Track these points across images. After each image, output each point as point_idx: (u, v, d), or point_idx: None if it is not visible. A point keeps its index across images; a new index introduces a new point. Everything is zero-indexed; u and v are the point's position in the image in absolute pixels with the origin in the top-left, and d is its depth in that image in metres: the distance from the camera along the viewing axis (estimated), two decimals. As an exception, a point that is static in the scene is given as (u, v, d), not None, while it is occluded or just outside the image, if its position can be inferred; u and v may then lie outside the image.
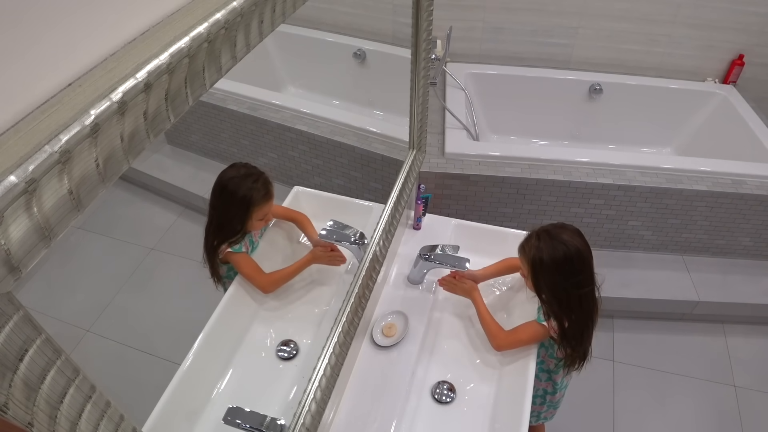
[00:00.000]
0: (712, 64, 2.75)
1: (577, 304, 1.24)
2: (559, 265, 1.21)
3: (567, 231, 1.25)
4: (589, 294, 1.24)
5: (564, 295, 1.24)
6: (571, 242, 1.22)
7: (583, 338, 1.28)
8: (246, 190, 1.10)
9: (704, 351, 2.24)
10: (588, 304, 1.25)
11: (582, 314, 1.25)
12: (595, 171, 2.19)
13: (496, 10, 2.60)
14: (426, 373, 1.37)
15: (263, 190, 1.12)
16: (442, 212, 1.93)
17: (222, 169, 1.08)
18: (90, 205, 0.47)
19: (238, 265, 1.18)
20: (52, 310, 0.75)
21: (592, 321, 1.28)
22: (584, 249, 1.23)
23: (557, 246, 1.21)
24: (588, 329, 1.28)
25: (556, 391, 1.46)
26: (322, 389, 1.08)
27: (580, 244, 1.22)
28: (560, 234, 1.23)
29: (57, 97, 0.45)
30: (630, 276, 2.31)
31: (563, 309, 1.25)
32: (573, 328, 1.26)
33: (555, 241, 1.22)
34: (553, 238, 1.23)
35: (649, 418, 2.02)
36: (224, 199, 1.09)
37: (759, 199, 2.18)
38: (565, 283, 1.23)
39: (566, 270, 1.22)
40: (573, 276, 1.22)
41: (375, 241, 1.36)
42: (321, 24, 2.21)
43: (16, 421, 0.43)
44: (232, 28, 0.60)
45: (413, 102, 1.50)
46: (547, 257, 1.22)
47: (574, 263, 1.21)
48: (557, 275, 1.23)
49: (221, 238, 1.13)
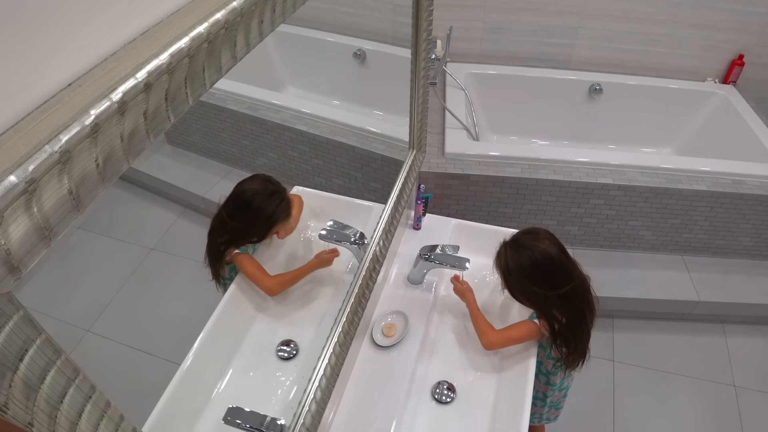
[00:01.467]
0: (712, 64, 2.75)
1: (560, 305, 1.24)
2: (526, 271, 1.23)
3: (533, 236, 1.26)
4: (571, 293, 1.24)
5: (541, 299, 1.25)
6: (537, 247, 1.23)
7: (577, 337, 1.28)
8: (272, 209, 1.09)
9: (704, 351, 2.24)
10: (574, 303, 1.25)
11: (569, 313, 1.25)
12: (595, 171, 2.19)
13: (496, 10, 2.60)
14: (426, 373, 1.37)
15: (287, 210, 1.13)
16: (442, 212, 1.93)
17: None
18: (90, 205, 0.47)
19: (244, 265, 1.18)
20: (52, 310, 0.75)
21: (584, 319, 1.27)
22: (553, 251, 1.23)
23: (523, 253, 1.23)
24: (581, 328, 1.27)
25: (555, 391, 1.46)
26: (322, 389, 1.08)
27: (548, 247, 1.23)
28: (527, 240, 1.25)
29: (57, 97, 0.45)
30: (630, 276, 2.31)
31: (545, 311, 1.26)
32: (563, 327, 1.26)
33: (521, 249, 1.24)
34: (519, 246, 1.25)
35: (649, 418, 2.02)
36: (248, 214, 1.08)
37: (759, 199, 2.18)
38: (537, 287, 1.23)
39: (535, 274, 1.23)
40: (544, 279, 1.23)
41: (375, 241, 1.36)
42: (321, 24, 2.21)
43: (16, 421, 0.43)
44: (232, 28, 0.60)
45: (413, 102, 1.50)
46: (514, 265, 1.24)
47: (541, 266, 1.22)
48: (526, 281, 1.24)
49: (234, 245, 1.13)
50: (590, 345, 1.32)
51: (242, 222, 1.09)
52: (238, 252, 1.14)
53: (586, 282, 1.28)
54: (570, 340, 1.28)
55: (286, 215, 1.14)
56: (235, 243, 1.13)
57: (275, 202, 1.10)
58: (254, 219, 1.09)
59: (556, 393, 1.48)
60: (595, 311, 1.29)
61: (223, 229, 1.10)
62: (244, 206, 1.07)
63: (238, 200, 1.07)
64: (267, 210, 1.09)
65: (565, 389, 1.49)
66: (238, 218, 1.08)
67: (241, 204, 1.07)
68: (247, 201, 1.07)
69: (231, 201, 1.07)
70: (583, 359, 1.32)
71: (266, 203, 1.08)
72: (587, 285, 1.28)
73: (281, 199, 1.11)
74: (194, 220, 1.22)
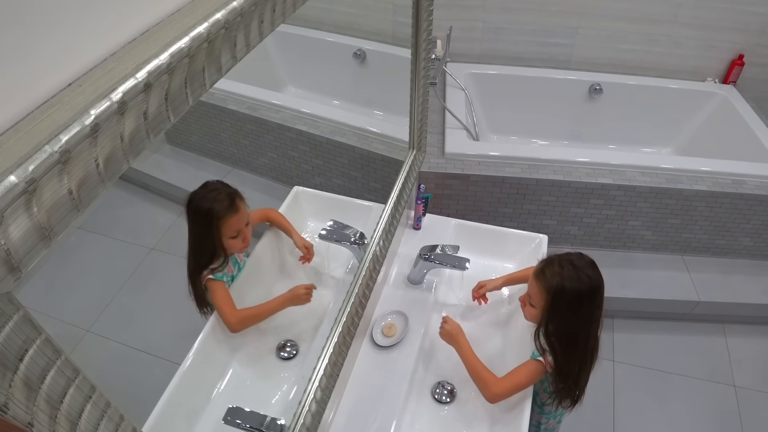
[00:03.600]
0: (712, 64, 2.75)
1: (583, 341, 1.20)
2: (581, 297, 1.16)
3: (588, 263, 1.19)
4: (595, 332, 1.21)
5: (573, 329, 1.19)
6: (595, 276, 1.17)
7: (579, 377, 1.23)
8: (207, 203, 1.04)
9: (704, 351, 2.24)
10: (591, 343, 1.22)
11: (583, 352, 1.21)
12: (595, 171, 2.19)
13: (496, 10, 2.60)
14: (426, 373, 1.37)
15: (226, 201, 1.05)
16: (442, 212, 1.92)
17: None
18: (90, 205, 0.47)
19: (213, 294, 1.12)
20: (52, 310, 0.75)
21: (590, 361, 1.23)
22: (602, 285, 1.18)
23: (582, 277, 1.16)
24: (585, 369, 1.23)
25: (549, 419, 1.44)
26: (322, 389, 1.08)
27: (600, 281, 1.18)
28: (584, 266, 1.18)
29: (57, 97, 0.45)
30: (630, 276, 2.31)
31: (567, 343, 1.20)
32: (570, 363, 1.21)
33: (580, 272, 1.16)
34: (578, 269, 1.17)
35: (650, 418, 2.01)
36: (190, 216, 1.04)
37: (759, 199, 2.18)
38: (579, 316, 1.18)
39: (586, 303, 1.17)
40: (592, 311, 1.18)
41: (375, 241, 1.36)
42: (321, 24, 2.21)
43: (16, 421, 0.43)
44: (232, 28, 0.60)
45: (413, 102, 1.50)
46: (571, 287, 1.15)
47: (596, 298, 1.17)
48: (576, 307, 1.17)
49: (201, 262, 1.08)
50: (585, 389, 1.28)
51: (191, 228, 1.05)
52: (211, 278, 1.09)
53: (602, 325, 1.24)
54: (570, 378, 1.23)
55: (231, 207, 1.06)
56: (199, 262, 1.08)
57: (211, 196, 1.05)
58: (195, 219, 1.05)
59: (551, 420, 1.45)
60: (597, 355, 1.25)
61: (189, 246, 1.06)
62: (187, 209, 1.03)
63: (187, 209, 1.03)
64: (203, 204, 1.04)
65: (560, 415, 1.45)
66: (189, 228, 1.05)
67: (187, 210, 1.03)
68: (188, 202, 1.03)
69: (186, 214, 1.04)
70: (576, 402, 1.28)
71: (204, 198, 1.04)
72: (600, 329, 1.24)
73: (218, 192, 1.06)
74: (194, 220, 1.22)
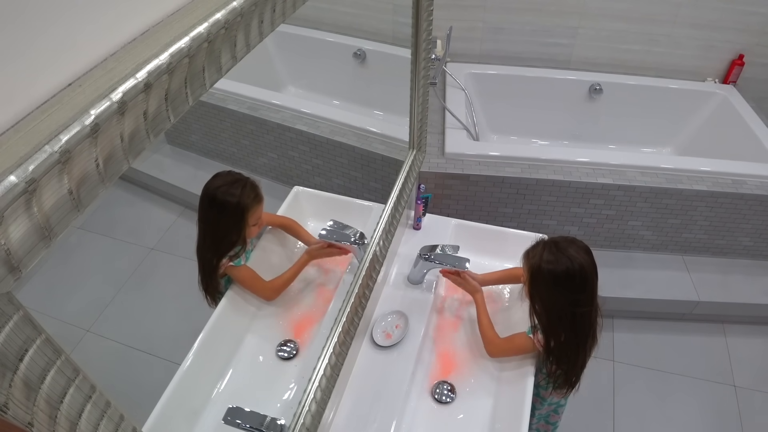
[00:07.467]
0: (712, 64, 2.75)
1: (569, 324, 1.21)
2: (558, 279, 1.17)
3: (575, 246, 1.20)
4: (585, 316, 1.20)
5: (556, 311, 1.21)
6: (576, 258, 1.17)
7: (571, 360, 1.23)
8: (237, 197, 1.05)
9: (704, 351, 2.24)
10: (581, 327, 1.21)
11: (573, 335, 1.22)
12: (595, 171, 2.19)
13: (496, 10, 2.60)
14: (426, 373, 1.37)
15: (253, 193, 1.08)
16: (442, 212, 1.93)
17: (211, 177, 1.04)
18: (90, 205, 0.47)
19: (241, 278, 1.15)
20: (52, 310, 0.75)
21: (584, 346, 1.23)
22: (589, 268, 1.18)
23: (561, 259, 1.17)
24: (577, 353, 1.23)
25: (544, 405, 1.43)
26: (322, 389, 1.08)
27: (586, 263, 1.18)
28: (567, 248, 1.19)
29: (57, 97, 0.45)
30: (630, 276, 2.31)
31: (552, 325, 1.22)
32: (560, 347, 1.22)
33: (560, 254, 1.18)
34: (559, 251, 1.19)
35: (649, 418, 2.02)
36: (216, 210, 1.05)
37: (759, 199, 2.18)
38: (560, 298, 1.19)
39: (565, 286, 1.18)
40: (571, 294, 1.18)
41: (375, 241, 1.36)
42: (321, 24, 2.21)
43: (16, 421, 0.43)
44: (232, 28, 0.60)
45: (413, 102, 1.50)
46: (548, 268, 1.18)
47: (575, 281, 1.17)
48: (553, 289, 1.19)
49: (220, 253, 1.09)
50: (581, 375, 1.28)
51: (215, 221, 1.06)
52: (232, 265, 1.11)
53: (599, 311, 1.24)
54: (563, 361, 1.24)
55: (256, 198, 1.09)
56: (220, 252, 1.09)
57: (237, 189, 1.06)
58: (223, 213, 1.06)
59: (546, 407, 1.45)
60: (596, 341, 1.25)
61: (206, 241, 1.07)
62: (210, 203, 1.04)
63: (204, 200, 1.03)
64: (233, 199, 1.05)
65: (555, 405, 1.45)
66: (209, 219, 1.05)
67: (207, 202, 1.04)
68: (212, 197, 1.03)
69: (200, 206, 1.03)
70: (572, 387, 1.28)
71: (229, 192, 1.05)
72: (598, 314, 1.24)
73: (244, 184, 1.07)
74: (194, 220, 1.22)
